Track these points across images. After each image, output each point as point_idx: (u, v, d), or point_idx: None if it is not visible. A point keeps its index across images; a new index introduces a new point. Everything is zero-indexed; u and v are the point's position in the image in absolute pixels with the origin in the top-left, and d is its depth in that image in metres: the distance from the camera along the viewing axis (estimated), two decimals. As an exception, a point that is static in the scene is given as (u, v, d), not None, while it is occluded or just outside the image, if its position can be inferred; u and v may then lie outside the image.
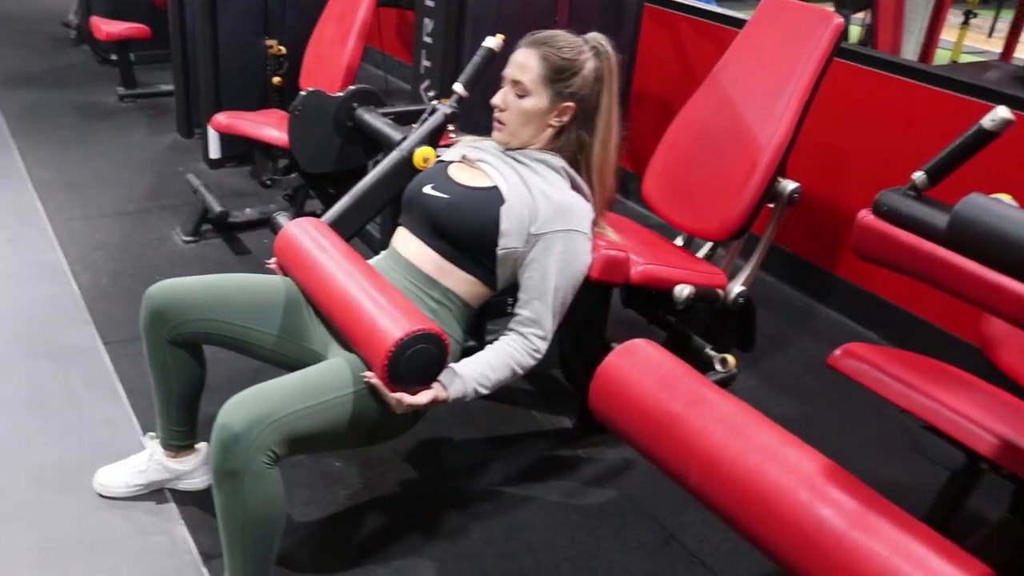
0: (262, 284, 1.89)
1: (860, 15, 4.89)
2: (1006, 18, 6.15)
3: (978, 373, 1.89)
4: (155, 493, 2.05)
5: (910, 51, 4.80)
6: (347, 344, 1.75)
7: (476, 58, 2.17)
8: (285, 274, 1.92)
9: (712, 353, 2.32)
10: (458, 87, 2.20)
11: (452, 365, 1.68)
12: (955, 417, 1.54)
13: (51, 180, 3.72)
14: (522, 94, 1.80)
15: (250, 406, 1.54)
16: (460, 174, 1.87)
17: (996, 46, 6.11)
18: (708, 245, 2.55)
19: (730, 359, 2.31)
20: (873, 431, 2.54)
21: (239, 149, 3.91)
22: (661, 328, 2.46)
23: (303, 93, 2.52)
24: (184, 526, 1.97)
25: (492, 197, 1.78)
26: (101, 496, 2.03)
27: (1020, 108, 2.54)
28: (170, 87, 4.46)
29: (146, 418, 2.28)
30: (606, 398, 1.45)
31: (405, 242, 1.86)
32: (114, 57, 4.95)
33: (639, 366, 1.44)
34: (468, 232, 1.77)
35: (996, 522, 1.87)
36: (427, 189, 1.84)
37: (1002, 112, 1.32)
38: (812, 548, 1.12)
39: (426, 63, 2.60)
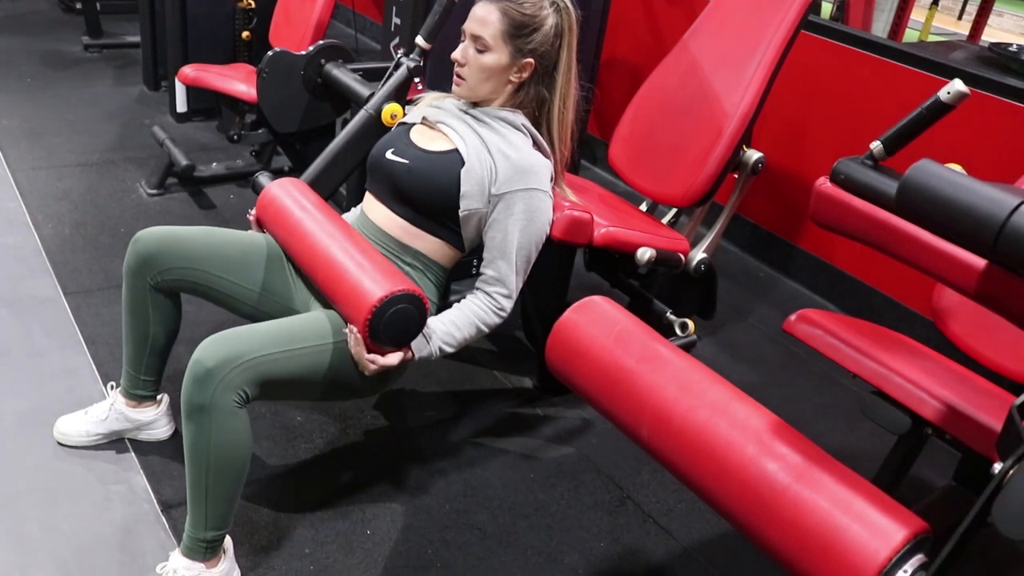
0: (247, 240, 1.91)
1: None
2: (976, 1, 6.21)
3: (931, 345, 1.95)
4: (115, 443, 2.05)
5: (880, 29, 4.82)
6: (328, 304, 1.77)
7: (436, 7, 2.16)
8: (265, 232, 1.94)
9: (672, 318, 2.36)
10: (419, 40, 2.20)
11: None
12: (903, 382, 1.59)
13: (13, 128, 3.66)
14: (482, 49, 1.79)
15: (226, 344, 1.57)
16: (420, 138, 1.87)
17: (965, 28, 6.18)
18: (672, 212, 2.58)
19: (690, 324, 2.35)
20: (827, 399, 2.60)
21: (206, 103, 3.87)
22: (623, 292, 2.49)
23: (269, 54, 2.50)
24: (144, 476, 1.98)
25: (452, 160, 1.78)
26: (61, 445, 2.03)
27: (982, 87, 2.60)
28: (136, 38, 4.38)
29: (107, 367, 2.28)
30: (562, 353, 1.47)
31: (372, 207, 1.88)
32: (79, 5, 4.85)
33: (595, 322, 1.46)
34: (430, 196, 1.79)
35: (940, 488, 1.94)
36: (389, 155, 1.85)
37: (958, 85, 1.34)
38: (757, 501, 1.15)
39: (396, 20, 2.58)
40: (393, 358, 1.65)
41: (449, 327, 1.75)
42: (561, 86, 1.85)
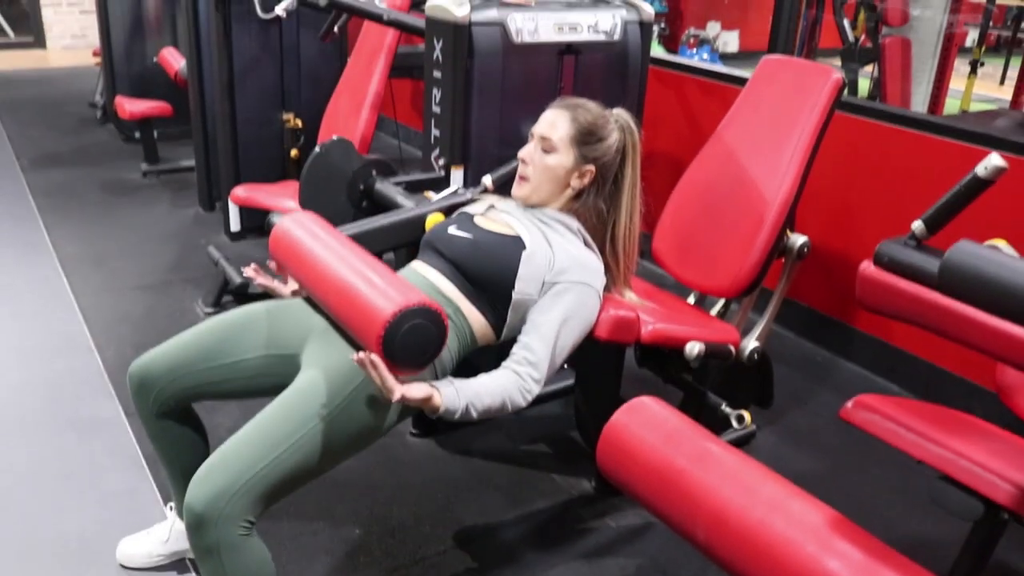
0: (233, 315, 1.85)
1: (868, 68, 4.94)
2: (1016, 65, 6.18)
3: (1001, 421, 1.88)
4: (177, 563, 2.06)
5: (919, 102, 4.83)
6: (323, 340, 1.72)
7: (512, 163, 2.27)
8: (281, 271, 1.89)
9: (728, 410, 2.32)
10: (487, 180, 2.33)
11: (449, 378, 1.68)
12: (971, 466, 1.53)
13: (77, 255, 3.82)
14: (548, 150, 1.89)
15: (211, 481, 1.50)
16: (485, 222, 1.94)
17: (1008, 93, 6.14)
18: (721, 302, 2.57)
19: (746, 415, 2.31)
20: (898, 484, 2.51)
21: (258, 221, 3.98)
22: (676, 386, 2.46)
23: (335, 138, 2.55)
24: (204, 596, 1.97)
25: (515, 243, 1.84)
26: (124, 567, 2.04)
27: (1027, 155, 2.56)
28: (191, 162, 4.57)
29: (167, 488, 2.30)
30: (613, 456, 1.45)
31: (423, 268, 1.89)
32: (137, 135, 5.09)
33: (645, 423, 1.44)
34: (488, 272, 1.82)
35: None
36: (451, 230, 1.91)
37: (994, 160, 1.33)
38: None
39: (436, 132, 2.66)
40: (418, 391, 1.56)
41: (479, 389, 1.67)
42: (627, 202, 1.95)
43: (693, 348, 2.07)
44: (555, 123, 1.91)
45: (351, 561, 2.11)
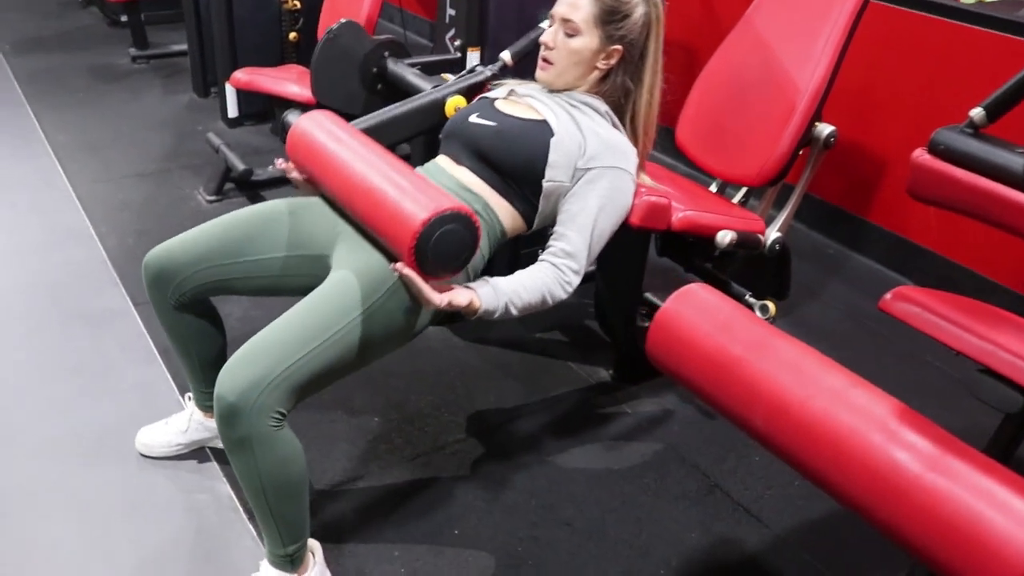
0: (256, 211, 1.79)
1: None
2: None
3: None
4: (197, 452, 2.05)
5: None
6: (352, 243, 1.67)
7: (531, 33, 2.19)
8: (300, 171, 1.82)
9: (752, 300, 2.29)
10: (506, 55, 2.21)
11: (485, 277, 1.64)
12: (1012, 358, 1.51)
13: (69, 143, 3.70)
14: (572, 33, 1.77)
15: (244, 369, 1.44)
16: (508, 107, 1.84)
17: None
18: (741, 192, 2.51)
19: (771, 306, 2.28)
20: (914, 379, 2.52)
21: (257, 107, 3.88)
22: (698, 276, 2.43)
23: (343, 20, 2.43)
24: (228, 484, 1.97)
25: (542, 129, 1.75)
26: (143, 456, 2.03)
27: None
28: (183, 47, 4.41)
29: (182, 378, 2.26)
30: (665, 344, 1.41)
31: (447, 164, 1.81)
32: (124, 18, 4.89)
33: (698, 311, 1.40)
34: (516, 161, 1.74)
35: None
36: (473, 118, 1.82)
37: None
38: (888, 492, 1.09)
39: (451, 11, 2.55)
40: (460, 297, 1.52)
41: (517, 286, 1.63)
42: (649, 78, 1.83)
43: (725, 236, 2.02)
44: (576, 3, 1.77)
45: (372, 449, 2.11)
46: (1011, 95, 1.39)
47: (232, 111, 3.87)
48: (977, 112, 1.41)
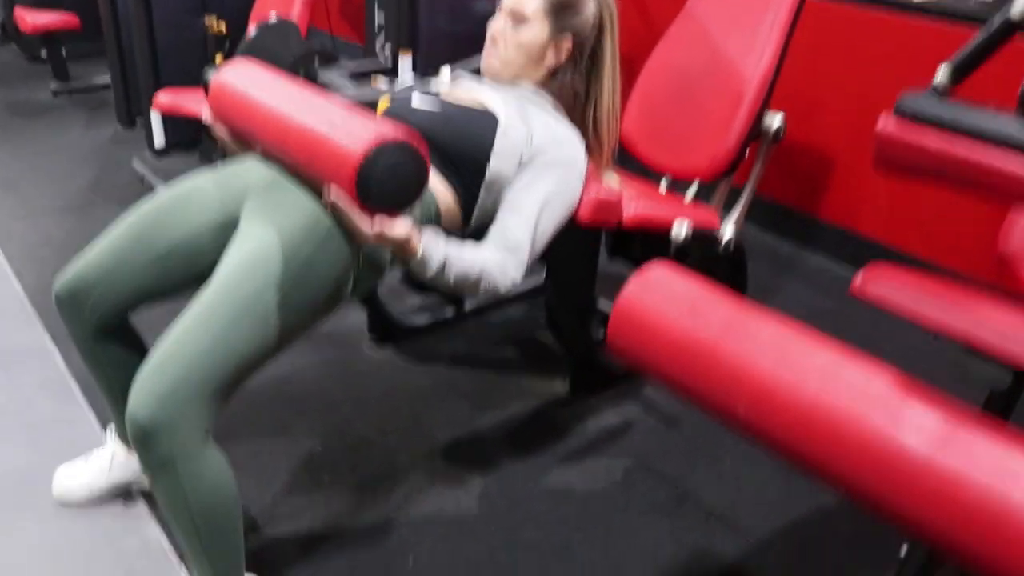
0: (171, 190, 1.59)
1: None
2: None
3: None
4: (122, 494, 1.87)
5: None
6: (268, 197, 1.48)
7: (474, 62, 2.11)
8: (225, 125, 1.64)
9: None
10: (445, 73, 2.09)
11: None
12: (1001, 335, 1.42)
13: (-15, 181, 3.50)
14: (520, 23, 1.70)
15: (154, 384, 1.28)
16: (453, 96, 1.75)
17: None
18: (692, 190, 2.42)
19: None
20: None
21: (185, 135, 3.70)
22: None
23: (274, 18, 2.29)
24: (157, 526, 1.80)
25: (487, 117, 1.65)
26: (63, 504, 1.85)
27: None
28: (106, 80, 4.22)
29: (106, 413, 2.09)
30: (628, 334, 1.26)
31: None
32: (44, 54, 4.70)
33: (664, 293, 1.27)
34: (461, 145, 1.63)
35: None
36: (415, 103, 1.71)
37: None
38: (894, 478, 0.97)
39: (379, 19, 2.44)
40: (400, 228, 1.38)
41: (459, 251, 1.50)
42: (609, 82, 1.77)
43: (681, 227, 1.92)
44: None
45: (315, 479, 1.95)
46: (975, 56, 1.32)
47: (159, 141, 3.70)
48: (942, 72, 1.33)
